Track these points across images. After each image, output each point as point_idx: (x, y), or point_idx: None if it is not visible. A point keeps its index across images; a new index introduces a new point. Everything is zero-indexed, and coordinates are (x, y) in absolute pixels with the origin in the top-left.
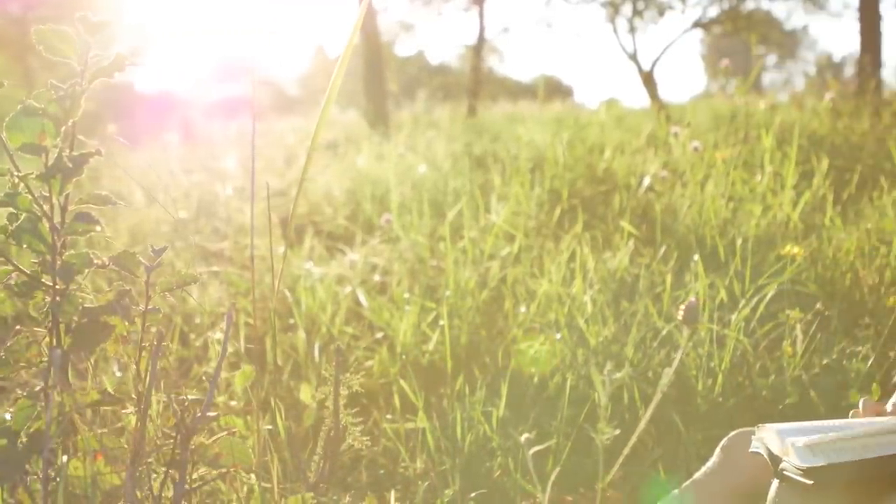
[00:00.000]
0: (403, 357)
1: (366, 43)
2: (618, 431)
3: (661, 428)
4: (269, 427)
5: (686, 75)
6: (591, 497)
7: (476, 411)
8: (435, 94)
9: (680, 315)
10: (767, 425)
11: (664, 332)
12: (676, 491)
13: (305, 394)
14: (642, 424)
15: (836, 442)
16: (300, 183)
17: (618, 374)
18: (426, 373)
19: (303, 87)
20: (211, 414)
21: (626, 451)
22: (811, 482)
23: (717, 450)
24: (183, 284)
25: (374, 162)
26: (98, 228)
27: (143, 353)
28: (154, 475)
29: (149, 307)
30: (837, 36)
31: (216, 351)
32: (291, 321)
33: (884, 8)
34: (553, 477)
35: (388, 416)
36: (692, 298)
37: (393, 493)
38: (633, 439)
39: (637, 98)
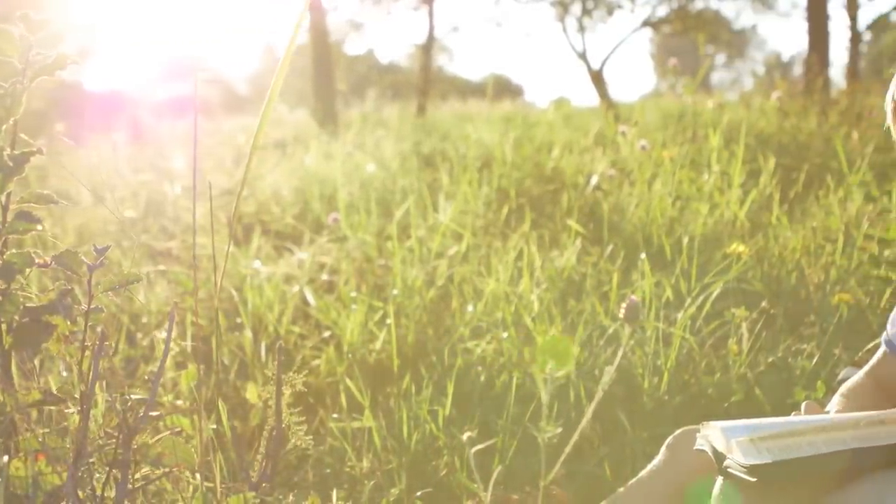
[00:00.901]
0: (350, 356)
1: (314, 42)
2: (560, 430)
3: (607, 426)
4: (215, 427)
5: (636, 74)
6: (537, 495)
7: (422, 410)
8: (384, 93)
9: (621, 313)
10: (712, 423)
11: (610, 331)
12: (622, 489)
13: (251, 393)
14: (584, 422)
15: (779, 439)
16: (242, 182)
17: (559, 373)
18: (373, 371)
19: (253, 85)
20: (154, 413)
21: (568, 449)
22: (754, 479)
23: (663, 448)
24: (126, 283)
25: (323, 161)
26: (40, 227)
27: (87, 353)
28: (97, 475)
29: (92, 306)
30: (786, 35)
31: (162, 350)
32: (239, 320)
33: (832, 8)
34: (496, 475)
35: (335, 416)
36: (633, 297)
37: (335, 492)
38: (576, 437)
39: (587, 97)
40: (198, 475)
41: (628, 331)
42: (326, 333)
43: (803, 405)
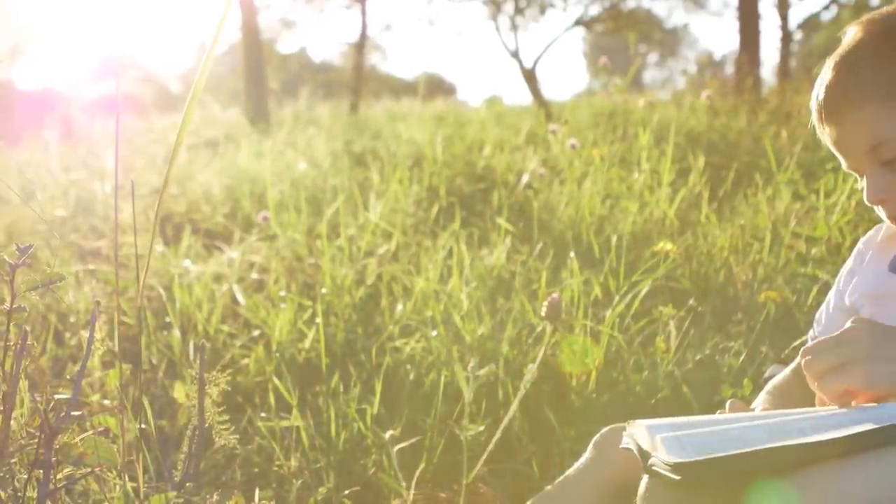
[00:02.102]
0: (279, 355)
1: (246, 40)
2: (482, 428)
3: (535, 425)
4: (143, 426)
5: (569, 73)
6: (465, 494)
7: (351, 409)
8: (317, 92)
9: (543, 312)
10: (638, 421)
11: (539, 329)
12: (549, 487)
13: (179, 392)
14: (506, 421)
15: (703, 437)
16: (165, 181)
17: (481, 371)
18: (302, 370)
19: (186, 84)
20: (76, 413)
21: (490, 447)
22: (679, 477)
23: (590, 446)
24: (49, 283)
25: (254, 160)
26: None
27: (9, 353)
28: (19, 475)
29: (16, 306)
30: (718, 34)
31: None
32: (168, 320)
33: (763, 7)
34: (421, 474)
35: (263, 415)
36: (554, 295)
37: (263, 491)
38: (498, 435)
39: (520, 96)
40: (122, 475)
41: (550, 328)
42: (256, 332)
43: (728, 403)
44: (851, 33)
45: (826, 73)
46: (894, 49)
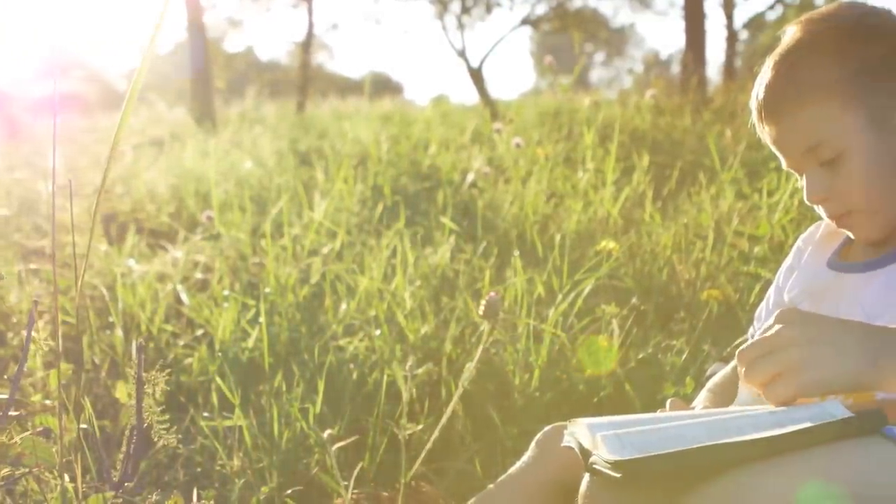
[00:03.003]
0: (221, 354)
1: (192, 39)
2: (420, 427)
3: (478, 423)
4: (85, 426)
5: (516, 72)
6: (408, 492)
7: (293, 408)
8: (264, 91)
9: (481, 310)
10: (579, 420)
11: (483, 328)
12: (491, 485)
13: (121, 392)
14: (444, 419)
15: (643, 435)
16: (103, 181)
17: (419, 370)
18: (245, 370)
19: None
20: (14, 413)
21: (429, 445)
22: (619, 475)
23: (532, 444)
24: None
25: (199, 159)
26: None
27: None
28: None
29: None
30: (664, 34)
31: (32, 349)
32: (111, 319)
33: (708, 7)
34: (359, 473)
35: (206, 414)
36: (492, 294)
37: (200, 491)
38: (436, 434)
39: (467, 95)
40: (60, 475)
41: (487, 327)
42: (199, 332)
43: (668, 402)
44: (791, 33)
45: (766, 73)
46: (834, 48)
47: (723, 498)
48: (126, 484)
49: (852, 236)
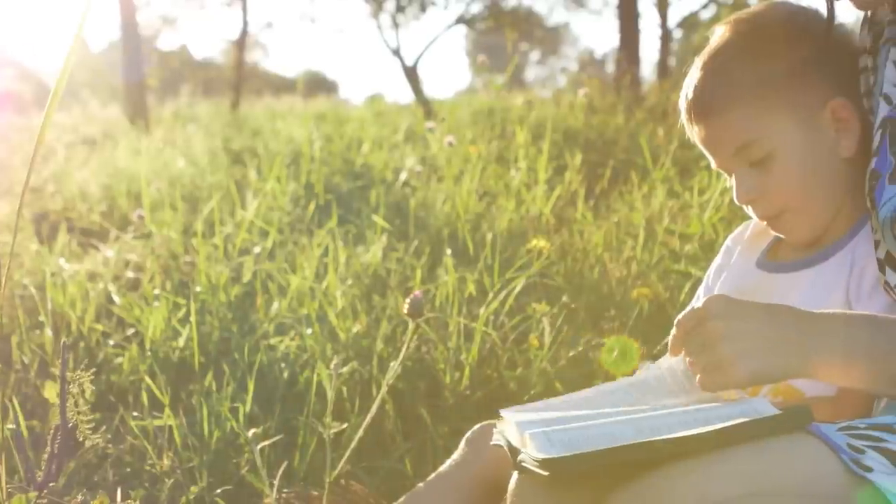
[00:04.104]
0: (152, 354)
1: (125, 37)
2: (346, 425)
3: (409, 422)
4: (13, 426)
5: (452, 71)
6: (338, 491)
7: (224, 407)
8: (198, 90)
9: (405, 309)
10: (507, 415)
11: (413, 326)
12: (422, 484)
13: (50, 392)
14: (368, 418)
15: (571, 433)
16: (27, 179)
17: (344, 369)
18: (177, 369)
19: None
20: None
21: (353, 444)
22: (547, 473)
23: (462, 442)
24: None
25: (132, 158)
26: None
27: None
28: None
29: None
30: (599, 33)
31: None
32: (41, 318)
33: (642, 6)
34: (283, 471)
35: (136, 414)
36: (416, 292)
37: (129, 491)
38: (361, 433)
39: (403, 94)
40: None
41: (412, 325)
42: (130, 331)
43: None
44: (719, 33)
45: (695, 73)
46: (762, 48)
47: (649, 496)
48: (51, 484)
49: (782, 236)
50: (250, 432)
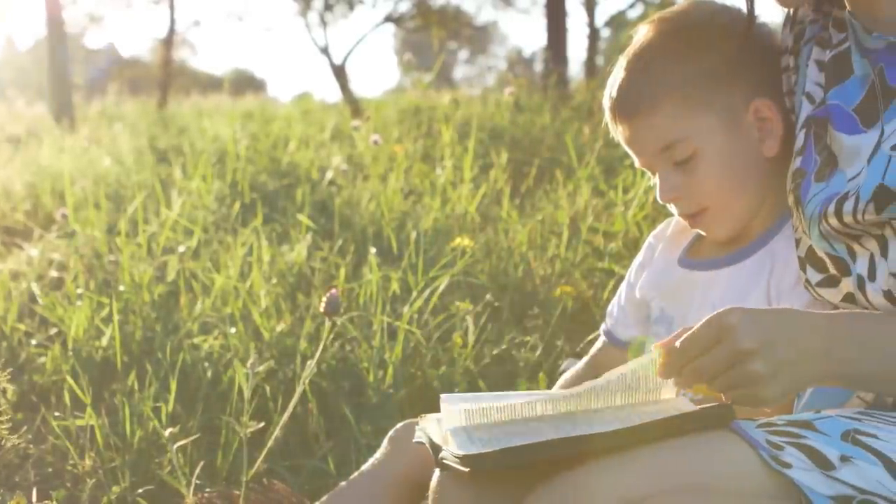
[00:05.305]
0: (73, 353)
1: (51, 35)
2: (262, 424)
3: (333, 421)
4: None
5: (381, 70)
6: (260, 490)
7: (146, 407)
8: (125, 88)
9: (322, 307)
10: (429, 416)
11: (339, 325)
12: (344, 483)
13: None
14: (286, 417)
15: (492, 430)
16: None
17: (260, 367)
18: (100, 369)
19: None
20: None
21: (270, 443)
22: (467, 469)
23: (385, 441)
24: None
25: (56, 156)
26: None
27: None
28: None
29: None
30: (527, 31)
31: None
32: None
33: (570, 5)
34: (209, 471)
35: (57, 414)
36: (333, 290)
37: (45, 491)
38: (277, 432)
39: (331, 93)
40: None
41: (328, 324)
42: (53, 331)
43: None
44: (643, 32)
45: (618, 73)
46: (686, 48)
47: (570, 492)
48: None
49: (704, 234)
50: (167, 432)
